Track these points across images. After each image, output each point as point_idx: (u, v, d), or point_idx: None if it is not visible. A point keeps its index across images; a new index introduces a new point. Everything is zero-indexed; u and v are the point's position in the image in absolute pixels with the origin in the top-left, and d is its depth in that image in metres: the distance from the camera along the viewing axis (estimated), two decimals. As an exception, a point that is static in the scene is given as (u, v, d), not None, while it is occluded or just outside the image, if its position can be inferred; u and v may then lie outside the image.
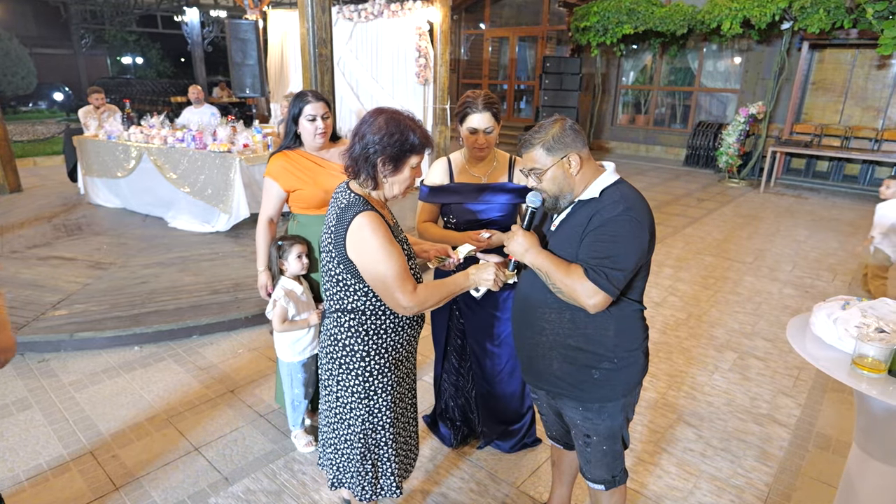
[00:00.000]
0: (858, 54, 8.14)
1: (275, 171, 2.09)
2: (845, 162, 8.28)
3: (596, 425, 1.47)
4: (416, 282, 1.44)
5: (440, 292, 1.44)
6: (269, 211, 2.15)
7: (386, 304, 1.46)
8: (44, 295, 3.58)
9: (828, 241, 5.56)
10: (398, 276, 1.38)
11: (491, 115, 1.84)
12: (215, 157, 4.85)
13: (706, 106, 10.00)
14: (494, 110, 1.84)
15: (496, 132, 1.89)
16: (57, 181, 7.20)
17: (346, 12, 7.09)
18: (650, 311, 3.76)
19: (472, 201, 1.98)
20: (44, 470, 2.18)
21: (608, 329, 1.39)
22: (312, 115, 2.02)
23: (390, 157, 1.40)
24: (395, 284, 1.38)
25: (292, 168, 2.08)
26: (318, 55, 3.80)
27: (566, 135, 1.35)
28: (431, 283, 1.45)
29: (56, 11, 17.01)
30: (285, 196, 2.11)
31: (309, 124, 2.04)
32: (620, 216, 1.30)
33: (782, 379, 2.96)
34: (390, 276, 1.37)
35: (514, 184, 2.00)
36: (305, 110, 2.03)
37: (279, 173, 2.08)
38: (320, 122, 2.03)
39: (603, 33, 9.55)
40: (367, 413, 1.55)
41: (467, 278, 1.48)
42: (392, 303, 1.41)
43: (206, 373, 2.91)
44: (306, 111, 2.03)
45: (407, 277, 1.40)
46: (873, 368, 1.26)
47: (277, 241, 2.13)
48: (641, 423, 2.53)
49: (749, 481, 2.18)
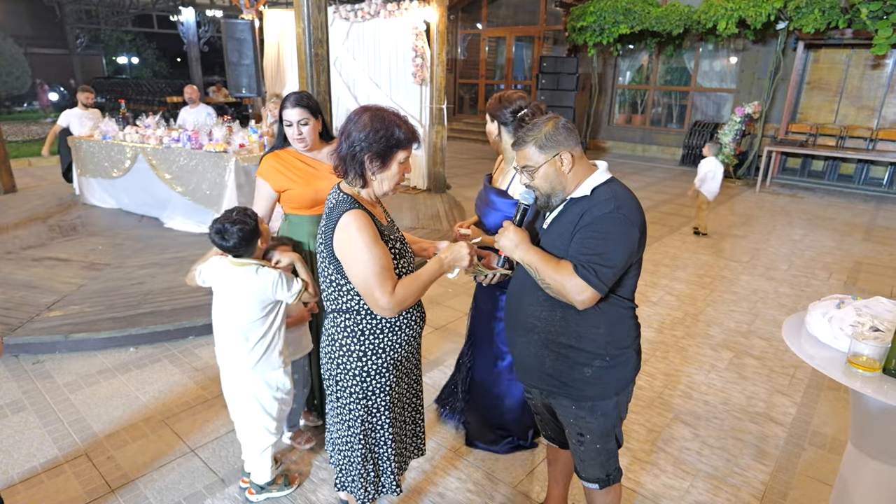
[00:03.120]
0: (853, 54, 8.18)
1: (266, 172, 2.09)
2: (840, 161, 8.32)
3: (589, 424, 1.47)
4: (398, 281, 1.42)
5: (416, 285, 1.42)
6: (259, 211, 2.14)
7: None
8: (38, 296, 3.56)
9: (823, 240, 5.58)
10: (378, 275, 1.36)
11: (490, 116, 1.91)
12: (211, 158, 4.83)
13: (702, 106, 10.03)
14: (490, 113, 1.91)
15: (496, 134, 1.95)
16: (52, 181, 7.16)
17: (343, 12, 7.08)
18: (647, 311, 3.77)
19: (481, 202, 2.01)
20: (38, 472, 2.17)
21: (600, 327, 1.39)
22: (289, 121, 2.03)
23: (377, 154, 1.40)
24: (375, 283, 1.36)
25: (283, 168, 2.08)
26: (314, 55, 3.79)
27: (559, 133, 1.35)
28: (406, 279, 1.43)
29: (51, 11, 16.92)
30: (276, 196, 2.11)
31: (287, 129, 2.05)
32: (611, 214, 1.30)
33: (778, 378, 2.97)
34: (370, 275, 1.36)
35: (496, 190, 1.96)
36: (283, 115, 2.04)
37: (270, 173, 2.09)
38: (296, 129, 2.02)
39: (599, 33, 9.56)
40: (366, 413, 1.55)
41: (441, 263, 1.47)
42: (371, 303, 1.39)
43: (202, 373, 2.90)
44: (283, 116, 2.04)
45: (387, 277, 1.38)
46: (868, 367, 1.26)
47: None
48: (638, 422, 2.54)
49: (745, 480, 2.19)
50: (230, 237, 1.71)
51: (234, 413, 1.96)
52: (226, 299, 1.80)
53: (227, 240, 1.71)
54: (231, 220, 1.71)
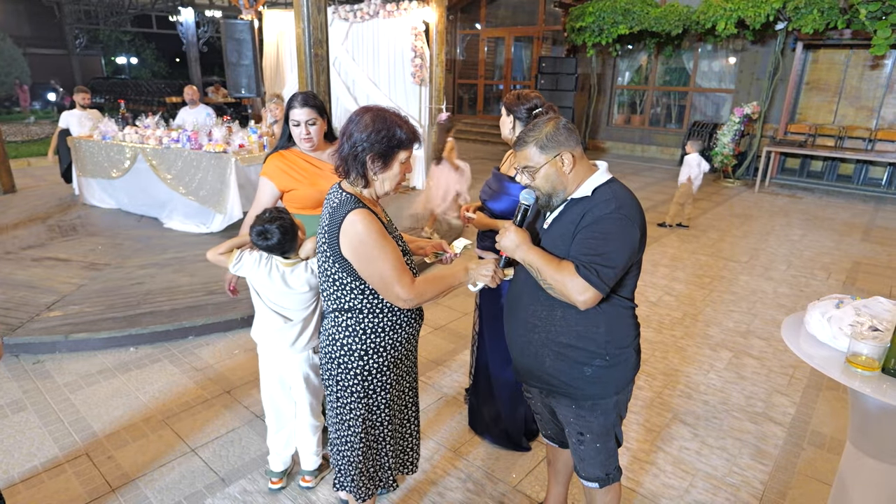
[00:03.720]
0: (852, 54, 8.19)
1: (271, 172, 2.10)
2: (839, 162, 8.33)
3: (589, 423, 1.48)
4: (413, 275, 1.44)
5: (438, 286, 1.45)
6: (258, 209, 2.14)
7: (384, 301, 1.47)
8: (38, 296, 3.56)
9: (822, 240, 5.59)
10: (395, 268, 1.38)
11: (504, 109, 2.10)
12: (211, 158, 4.83)
13: (701, 106, 10.05)
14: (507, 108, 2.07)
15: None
16: (51, 182, 7.16)
17: (342, 12, 7.08)
18: (646, 311, 3.78)
19: (490, 190, 2.07)
20: (39, 471, 2.17)
21: (599, 326, 1.39)
22: (296, 120, 2.04)
23: (379, 154, 1.41)
24: (393, 277, 1.38)
25: (288, 168, 2.09)
26: (313, 55, 3.79)
27: (559, 133, 1.36)
28: (429, 276, 1.46)
29: (50, 11, 16.92)
30: (279, 195, 2.12)
31: (294, 128, 2.06)
32: (612, 214, 1.31)
33: (777, 377, 2.97)
34: (387, 269, 1.38)
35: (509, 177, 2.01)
36: (290, 114, 2.05)
37: (275, 173, 2.09)
38: (304, 129, 2.03)
39: (598, 33, 9.58)
40: (367, 411, 1.55)
41: (466, 273, 1.49)
42: (391, 296, 1.41)
43: (202, 373, 2.90)
44: (291, 115, 2.05)
45: (404, 270, 1.40)
46: (867, 366, 1.27)
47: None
48: (637, 422, 2.54)
49: (745, 479, 2.19)
50: (272, 235, 1.75)
51: (283, 408, 2.01)
52: (282, 296, 1.84)
53: (269, 238, 1.75)
54: (267, 219, 1.76)
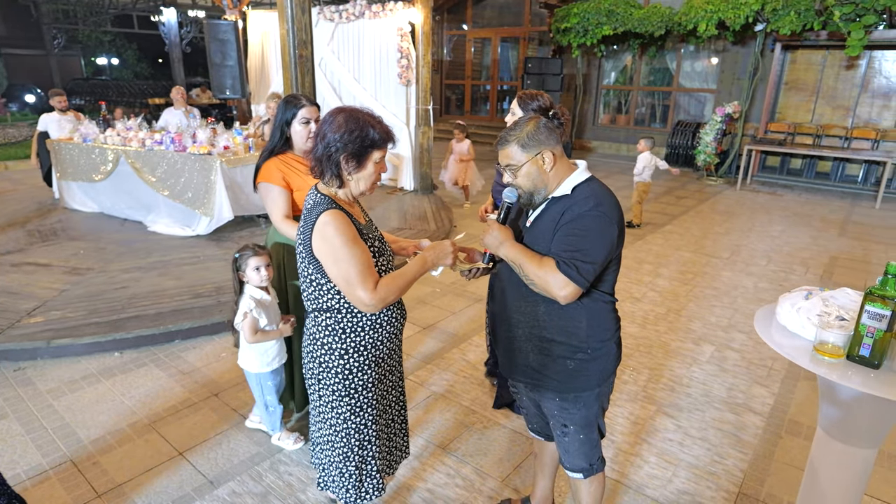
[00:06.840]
0: (828, 55, 8.41)
1: (274, 176, 2.08)
2: (817, 159, 8.54)
3: (572, 415, 1.52)
4: (379, 278, 1.44)
5: (399, 282, 1.44)
6: (282, 210, 2.10)
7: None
8: (18, 302, 3.50)
9: (801, 236, 5.74)
10: (360, 273, 1.38)
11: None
12: (195, 160, 4.79)
13: (685, 105, 10.22)
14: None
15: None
16: (30, 185, 7.02)
17: (327, 13, 7.06)
18: (630, 307, 3.84)
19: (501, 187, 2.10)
20: (22, 480, 2.14)
21: (581, 321, 1.43)
22: (307, 118, 2.05)
23: (352, 154, 1.42)
24: (357, 281, 1.38)
25: (287, 170, 2.10)
26: (298, 56, 3.79)
27: (540, 132, 1.39)
28: (389, 276, 1.45)
29: (26, 10, 16.55)
30: (289, 192, 2.09)
31: (302, 128, 2.06)
32: (591, 212, 1.34)
33: (757, 369, 3.05)
34: (352, 273, 1.38)
35: None
36: (300, 114, 2.05)
37: (277, 177, 2.08)
38: (314, 126, 2.04)
39: (583, 34, 9.68)
40: (350, 412, 1.56)
41: (424, 261, 1.49)
42: (354, 300, 1.41)
43: (189, 377, 2.88)
44: (301, 115, 2.05)
45: (369, 275, 1.40)
46: (833, 354, 1.32)
47: (235, 253, 2.11)
48: (622, 415, 2.59)
49: (725, 468, 2.26)
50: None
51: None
52: None
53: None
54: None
